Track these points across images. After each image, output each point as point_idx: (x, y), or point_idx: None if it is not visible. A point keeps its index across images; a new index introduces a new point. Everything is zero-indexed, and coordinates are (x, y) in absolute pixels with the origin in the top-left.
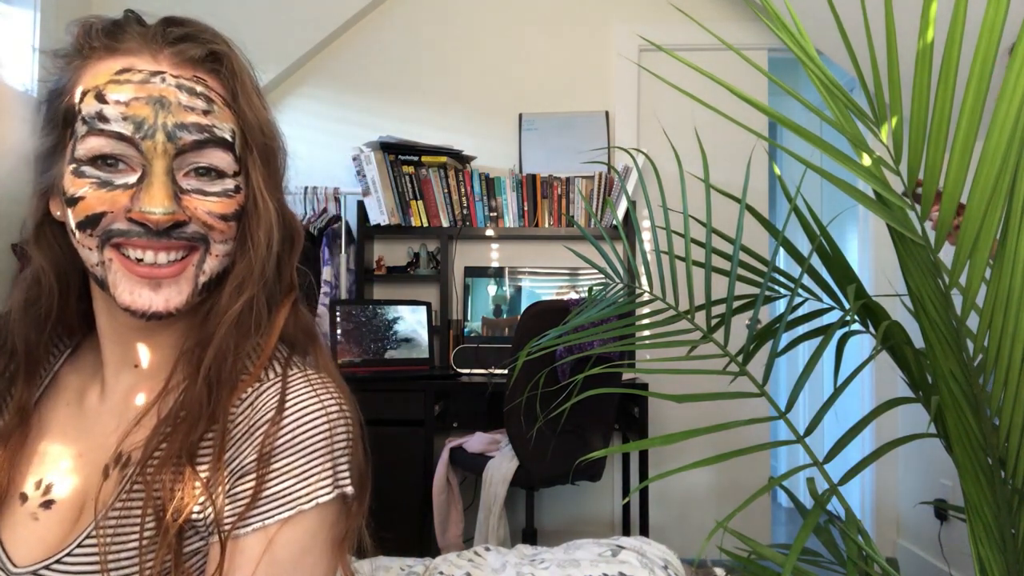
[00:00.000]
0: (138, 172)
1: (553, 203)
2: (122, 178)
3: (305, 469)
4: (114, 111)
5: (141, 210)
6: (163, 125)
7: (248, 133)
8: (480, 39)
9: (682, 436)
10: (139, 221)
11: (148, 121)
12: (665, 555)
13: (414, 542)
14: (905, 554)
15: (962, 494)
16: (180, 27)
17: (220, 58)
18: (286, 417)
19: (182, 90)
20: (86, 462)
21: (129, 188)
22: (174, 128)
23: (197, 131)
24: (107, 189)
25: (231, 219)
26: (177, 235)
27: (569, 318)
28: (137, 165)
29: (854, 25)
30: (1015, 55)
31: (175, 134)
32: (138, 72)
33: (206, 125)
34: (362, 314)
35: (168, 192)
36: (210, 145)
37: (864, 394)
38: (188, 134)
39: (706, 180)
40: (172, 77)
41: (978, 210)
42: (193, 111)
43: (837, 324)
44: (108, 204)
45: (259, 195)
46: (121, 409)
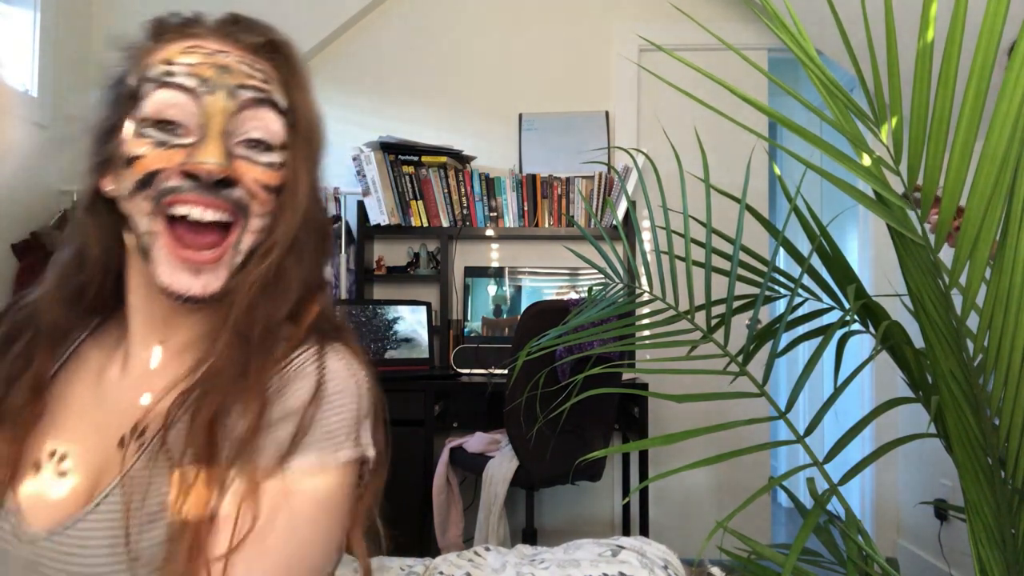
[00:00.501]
0: (195, 135)
1: (553, 203)
2: (179, 139)
3: (332, 426)
4: (181, 68)
5: (195, 161)
6: (224, 84)
7: (297, 116)
8: (480, 39)
9: (682, 436)
10: (192, 173)
11: (212, 79)
12: (665, 555)
13: (414, 542)
14: (905, 554)
15: (962, 494)
16: (243, 20)
17: (278, 47)
18: (321, 378)
19: (243, 63)
20: (102, 434)
21: (185, 147)
22: (235, 87)
23: (255, 91)
24: (164, 148)
25: (272, 191)
26: (225, 195)
27: (569, 318)
28: (195, 128)
29: (854, 25)
30: (1015, 55)
31: (235, 92)
32: (205, 48)
33: (264, 88)
34: (362, 314)
35: (222, 148)
36: (266, 106)
37: (864, 394)
38: (248, 92)
39: (706, 180)
40: (235, 54)
41: (978, 210)
42: (253, 78)
43: (837, 324)
44: (164, 161)
45: (299, 173)
46: (142, 383)
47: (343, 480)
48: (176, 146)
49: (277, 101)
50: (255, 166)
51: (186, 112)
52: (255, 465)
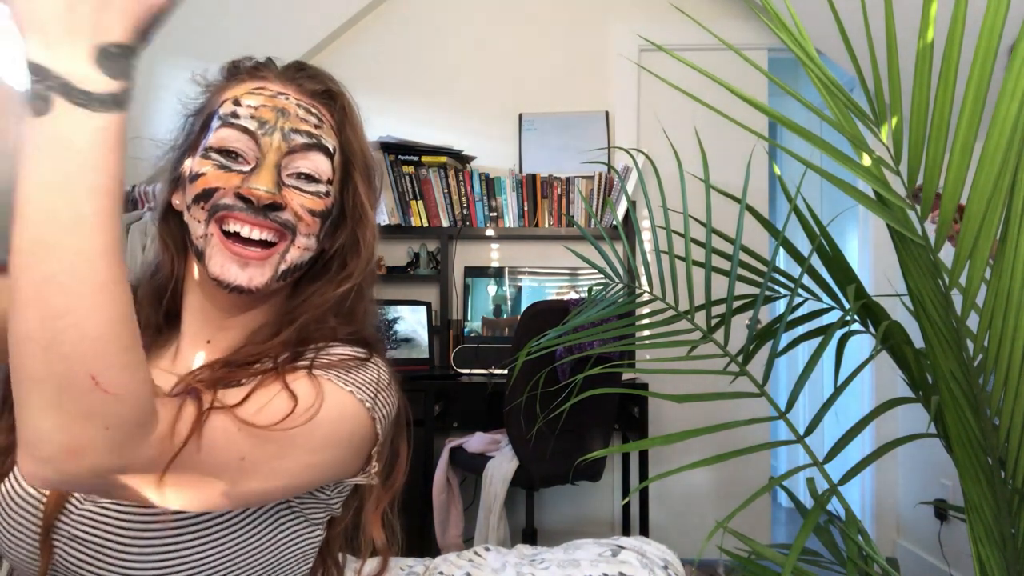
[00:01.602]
0: (252, 164)
1: (553, 203)
2: (239, 167)
3: (351, 376)
4: (245, 111)
5: (249, 187)
6: (281, 128)
7: (351, 155)
8: (480, 39)
9: (682, 436)
10: (245, 196)
11: (270, 122)
12: (665, 555)
13: (414, 542)
14: (905, 554)
15: (962, 494)
16: (307, 69)
17: (334, 96)
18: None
19: (300, 107)
20: None
21: (242, 173)
22: (289, 131)
23: (307, 136)
24: (224, 171)
25: (317, 216)
26: (273, 217)
27: (569, 318)
28: (252, 159)
29: (854, 25)
30: (1015, 55)
31: (289, 136)
32: (269, 90)
33: (315, 134)
34: None
35: (274, 178)
36: (315, 150)
37: (864, 394)
38: (300, 137)
39: (706, 180)
40: (295, 98)
41: (978, 210)
42: (306, 123)
43: (837, 324)
44: (222, 182)
45: (363, 205)
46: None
47: (355, 420)
48: (235, 171)
49: (326, 144)
50: (302, 194)
51: (246, 146)
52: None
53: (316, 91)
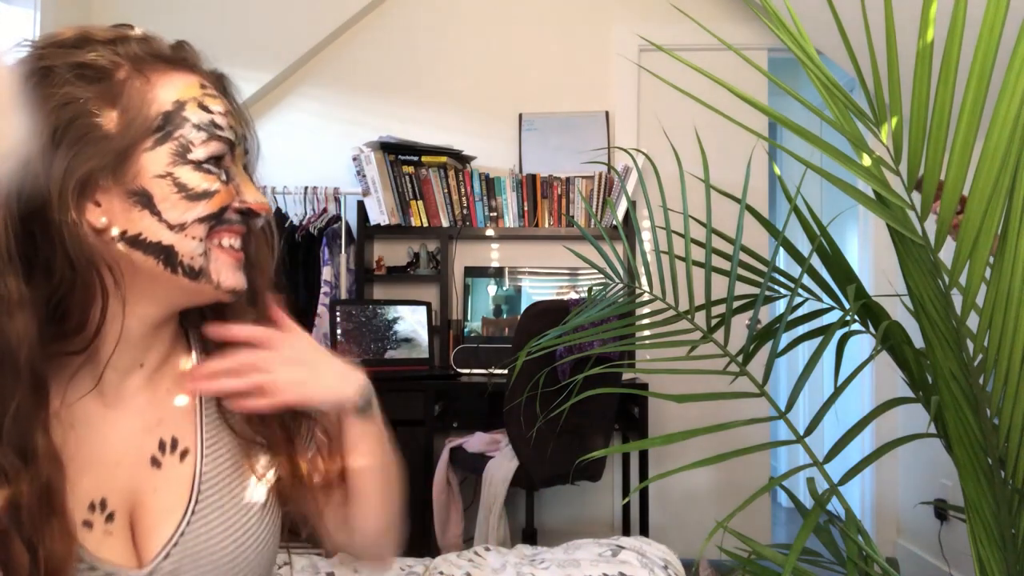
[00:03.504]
0: (227, 174)
1: (553, 203)
2: (229, 179)
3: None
4: (221, 121)
5: (256, 200)
6: (240, 134)
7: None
8: (480, 39)
9: (682, 436)
10: (249, 210)
11: (236, 130)
12: (665, 555)
13: (414, 542)
14: (905, 554)
15: (962, 494)
16: (226, 77)
17: (225, 77)
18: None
19: (231, 103)
20: (125, 466)
21: (234, 185)
22: (242, 136)
23: (245, 140)
24: (226, 184)
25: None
26: (249, 224)
27: (569, 318)
28: (230, 169)
29: (854, 25)
30: (1015, 55)
31: (242, 141)
32: (209, 87)
33: (246, 135)
34: (362, 314)
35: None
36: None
37: (864, 394)
38: (245, 142)
39: (706, 180)
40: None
41: (978, 210)
42: (241, 122)
43: (837, 324)
44: (229, 197)
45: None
46: (142, 406)
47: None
48: (229, 183)
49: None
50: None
51: (226, 155)
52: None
53: (221, 76)
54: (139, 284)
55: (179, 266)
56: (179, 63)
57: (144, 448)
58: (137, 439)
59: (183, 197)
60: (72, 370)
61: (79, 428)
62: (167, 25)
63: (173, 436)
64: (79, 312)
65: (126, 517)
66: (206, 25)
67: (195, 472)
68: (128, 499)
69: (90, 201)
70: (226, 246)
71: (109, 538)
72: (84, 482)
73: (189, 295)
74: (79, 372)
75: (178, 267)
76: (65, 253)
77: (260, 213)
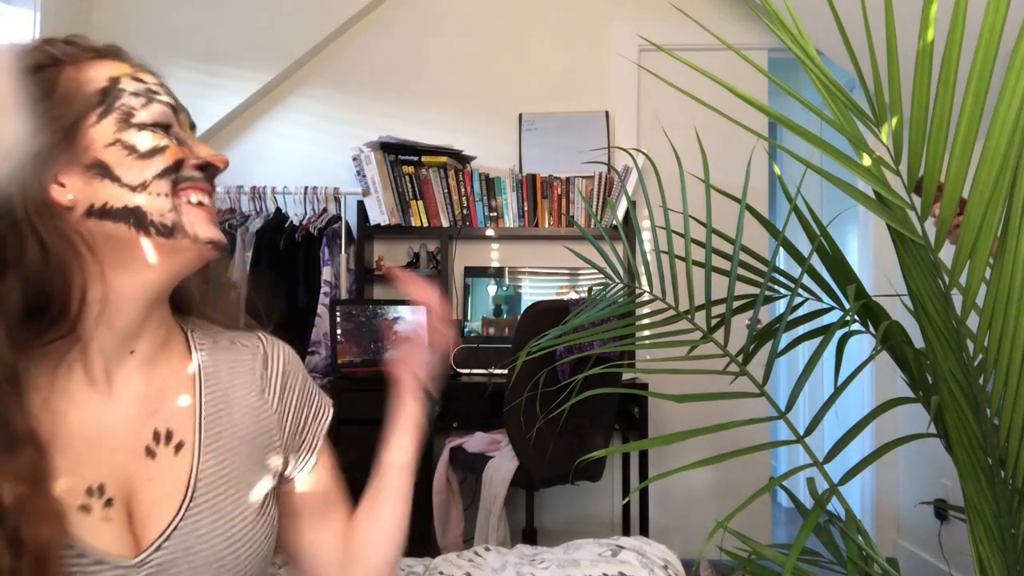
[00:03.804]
0: (178, 137)
1: (553, 203)
2: (181, 139)
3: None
4: (159, 88)
5: (211, 154)
6: (180, 104)
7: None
8: (480, 39)
9: (682, 436)
10: (207, 164)
11: (176, 100)
12: (665, 555)
13: (414, 542)
14: (905, 554)
15: (962, 494)
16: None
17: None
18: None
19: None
20: (120, 453)
21: (187, 145)
22: (181, 105)
23: (187, 111)
24: (179, 144)
25: None
26: (215, 181)
27: (569, 318)
28: (172, 133)
29: (854, 25)
30: (1015, 55)
31: (183, 109)
32: (143, 70)
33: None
34: (362, 314)
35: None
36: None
37: (864, 394)
38: (187, 112)
39: (706, 180)
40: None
41: (978, 210)
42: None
43: (837, 324)
44: (182, 153)
45: None
46: (136, 395)
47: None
48: (181, 143)
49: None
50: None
51: (172, 121)
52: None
53: (150, 68)
54: (117, 255)
55: (150, 225)
56: (109, 54)
57: (139, 437)
58: (131, 427)
59: (136, 158)
60: (59, 357)
61: (73, 414)
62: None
63: (168, 428)
64: (59, 297)
65: (124, 504)
66: (206, 25)
67: (192, 468)
68: (125, 486)
69: (53, 183)
70: (195, 202)
71: (107, 524)
72: (81, 466)
73: (170, 257)
74: (67, 357)
75: (150, 226)
76: (36, 240)
77: (219, 165)
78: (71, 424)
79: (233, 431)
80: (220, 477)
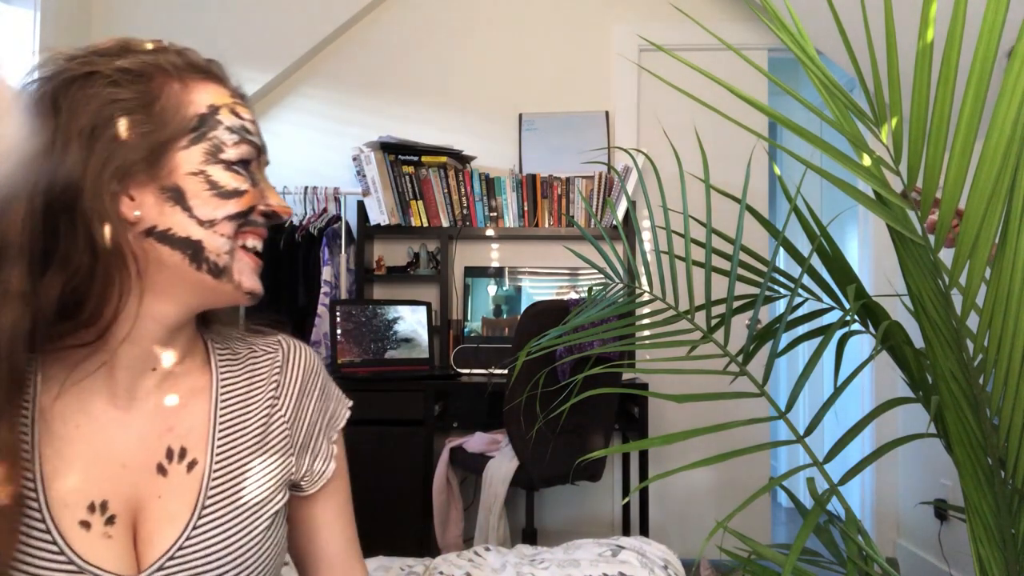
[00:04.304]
0: (257, 181)
1: (553, 203)
2: (255, 183)
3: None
4: (251, 127)
5: (280, 204)
6: (264, 144)
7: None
8: (480, 39)
9: (682, 436)
10: (273, 212)
11: (261, 140)
12: (665, 555)
13: (414, 542)
14: (905, 554)
15: (962, 494)
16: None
17: (246, 95)
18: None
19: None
20: (131, 469)
21: (256, 188)
22: (264, 145)
23: (267, 151)
24: (253, 187)
25: None
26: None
27: (569, 318)
28: (250, 171)
29: (854, 25)
30: (1015, 55)
31: (265, 150)
32: (238, 98)
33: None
34: (362, 314)
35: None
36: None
37: (864, 394)
38: (267, 152)
39: (706, 180)
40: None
41: (978, 210)
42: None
43: (837, 324)
44: (256, 199)
45: None
46: (152, 411)
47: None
48: (255, 185)
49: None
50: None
51: (253, 162)
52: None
53: (243, 94)
54: (161, 280)
55: (204, 262)
56: (212, 75)
57: (151, 454)
58: (145, 444)
59: (214, 194)
60: (74, 364)
61: (84, 425)
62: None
63: (182, 446)
64: (94, 304)
65: (129, 522)
66: (206, 25)
67: (201, 486)
68: (131, 504)
69: (124, 194)
70: (249, 247)
71: (107, 541)
72: (87, 481)
73: (208, 294)
74: (86, 366)
75: (203, 263)
76: (90, 244)
77: (283, 216)
78: (82, 436)
79: (246, 448)
80: (229, 496)
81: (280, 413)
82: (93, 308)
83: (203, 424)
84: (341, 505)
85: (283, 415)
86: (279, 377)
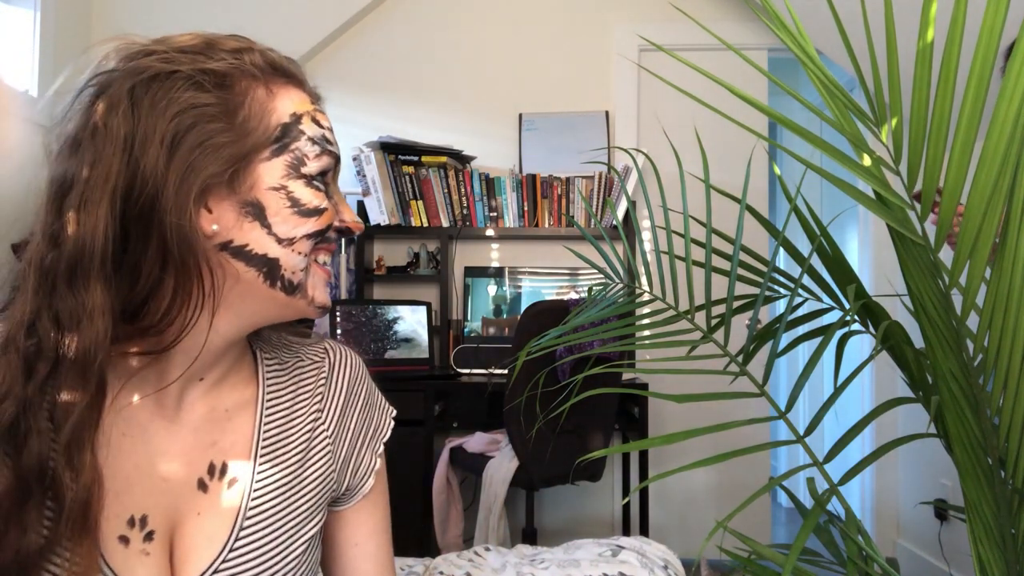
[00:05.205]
0: (331, 195)
1: (553, 203)
2: (331, 198)
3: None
4: (331, 136)
5: (353, 220)
6: (339, 152)
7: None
8: (480, 39)
9: (682, 436)
10: (348, 228)
11: (338, 146)
12: (665, 555)
13: (414, 542)
14: (905, 554)
15: (962, 494)
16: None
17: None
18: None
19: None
20: (173, 483)
21: (332, 201)
22: (339, 154)
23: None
24: (331, 203)
25: None
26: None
27: (569, 318)
28: (325, 183)
29: (854, 25)
30: (1015, 55)
31: (339, 159)
32: (318, 105)
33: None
34: (362, 314)
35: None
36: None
37: (864, 394)
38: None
39: (706, 180)
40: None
41: (978, 210)
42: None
43: (837, 324)
44: (334, 216)
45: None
46: (198, 422)
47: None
48: (330, 198)
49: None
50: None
51: (329, 173)
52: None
53: (320, 96)
54: (232, 295)
55: (279, 280)
56: (293, 78)
57: (194, 468)
58: (188, 457)
59: (295, 212)
60: (131, 370)
61: (130, 434)
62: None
63: (224, 462)
64: (160, 315)
65: (166, 538)
66: (205, 26)
67: (241, 505)
68: (170, 519)
69: (204, 207)
70: (321, 262)
71: (145, 558)
72: (128, 495)
73: (279, 310)
74: (144, 374)
75: (278, 281)
76: (162, 255)
77: (355, 232)
78: (128, 446)
79: (288, 467)
80: (268, 516)
81: (323, 427)
82: (158, 318)
83: (246, 439)
84: (376, 525)
85: (326, 429)
86: (324, 389)
